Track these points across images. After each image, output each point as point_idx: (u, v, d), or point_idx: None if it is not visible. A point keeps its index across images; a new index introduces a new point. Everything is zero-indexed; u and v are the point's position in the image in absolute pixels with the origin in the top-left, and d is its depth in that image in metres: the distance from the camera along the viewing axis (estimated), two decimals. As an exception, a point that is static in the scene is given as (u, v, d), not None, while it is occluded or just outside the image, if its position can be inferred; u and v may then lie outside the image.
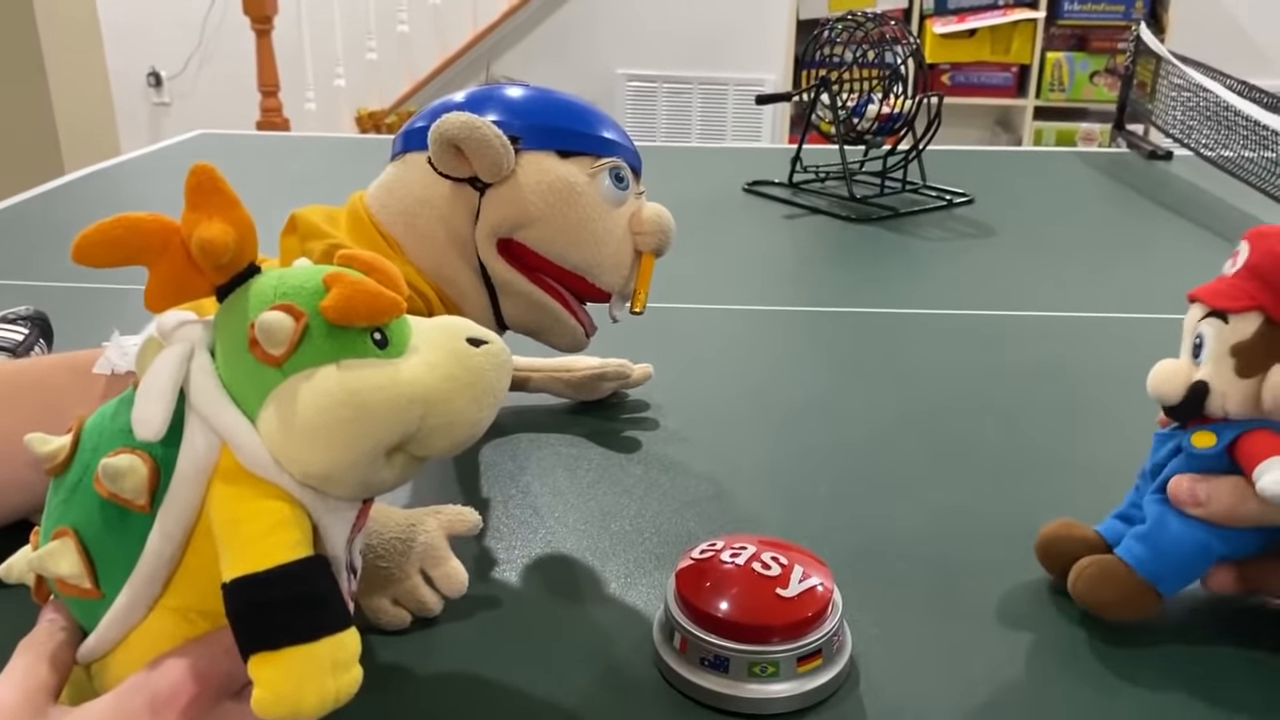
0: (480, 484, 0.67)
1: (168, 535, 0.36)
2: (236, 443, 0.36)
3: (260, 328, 0.36)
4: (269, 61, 3.71)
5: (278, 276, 0.38)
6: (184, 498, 0.36)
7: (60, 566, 0.37)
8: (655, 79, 4.24)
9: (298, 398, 0.36)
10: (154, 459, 0.36)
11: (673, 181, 1.53)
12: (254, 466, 0.36)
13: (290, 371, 0.36)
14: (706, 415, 0.78)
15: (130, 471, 0.36)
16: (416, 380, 0.38)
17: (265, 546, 0.35)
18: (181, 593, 0.37)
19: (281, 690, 0.34)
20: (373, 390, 0.37)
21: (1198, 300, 0.51)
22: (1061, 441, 0.73)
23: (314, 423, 0.36)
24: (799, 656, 0.47)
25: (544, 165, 0.59)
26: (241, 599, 0.35)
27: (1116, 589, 0.51)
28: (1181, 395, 0.49)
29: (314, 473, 0.37)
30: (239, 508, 0.36)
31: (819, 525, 0.63)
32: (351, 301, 0.37)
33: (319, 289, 0.37)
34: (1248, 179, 1.39)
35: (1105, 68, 3.72)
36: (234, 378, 0.37)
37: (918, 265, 1.17)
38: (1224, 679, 0.49)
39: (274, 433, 0.36)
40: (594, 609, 0.55)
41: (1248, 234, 0.50)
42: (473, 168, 0.58)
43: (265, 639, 0.35)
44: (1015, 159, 1.87)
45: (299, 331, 0.36)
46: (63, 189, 1.48)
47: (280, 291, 0.37)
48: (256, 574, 0.35)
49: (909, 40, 1.44)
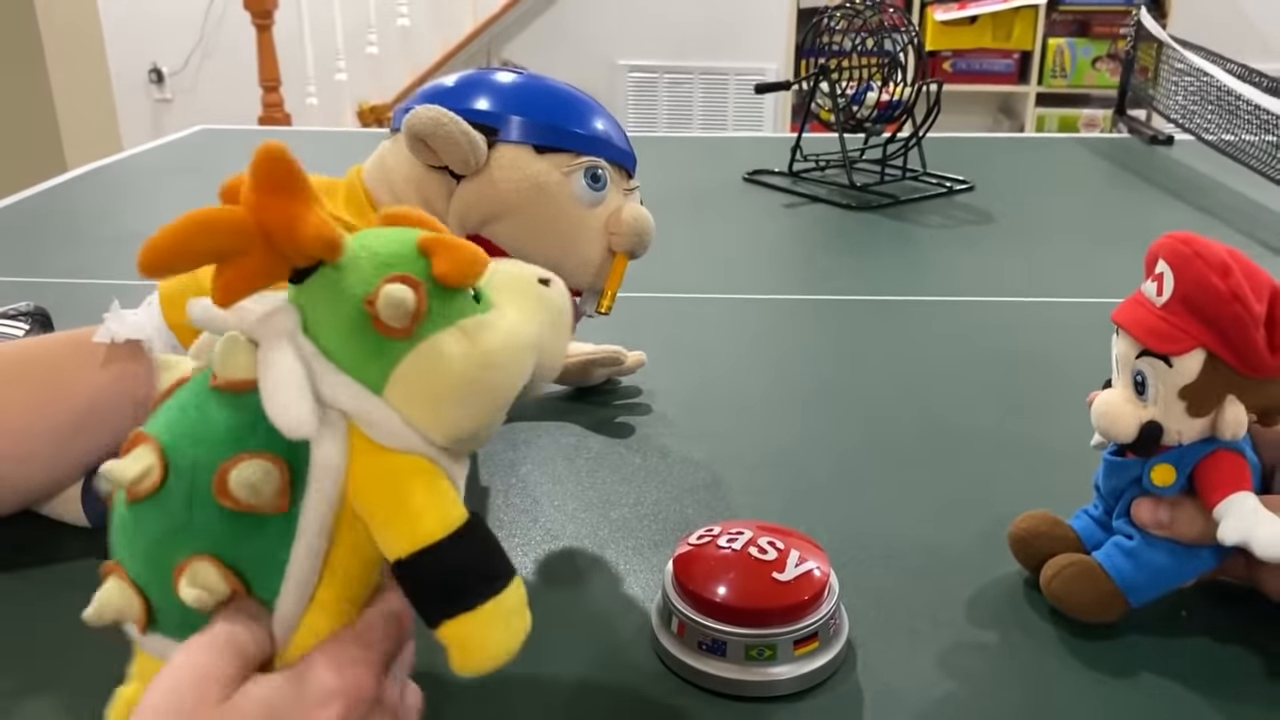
0: (479, 472, 0.68)
1: (319, 530, 0.36)
2: (371, 420, 0.36)
3: (386, 302, 0.35)
4: (270, 56, 3.71)
5: (367, 250, 0.37)
6: (327, 490, 0.35)
7: (216, 592, 0.36)
8: (656, 69, 4.23)
9: (433, 365, 0.36)
10: (283, 458, 0.35)
11: (673, 172, 1.53)
12: (392, 440, 0.36)
13: (418, 340, 0.36)
14: (705, 403, 0.78)
15: (266, 479, 0.35)
16: (526, 329, 0.39)
17: (435, 516, 0.36)
18: (329, 585, 0.37)
19: (484, 645, 0.36)
20: (502, 347, 0.38)
21: (1129, 334, 0.48)
22: (1062, 428, 0.73)
23: (457, 387, 0.36)
24: (796, 640, 0.47)
25: (518, 161, 0.58)
26: (427, 571, 0.35)
27: (1091, 592, 0.51)
28: (1134, 435, 0.48)
29: (463, 434, 0.37)
30: (393, 485, 0.36)
31: (817, 511, 0.63)
32: (460, 264, 0.37)
33: (416, 255, 0.37)
34: (1249, 163, 1.39)
35: (1107, 53, 3.71)
36: (350, 356, 0.36)
37: (918, 253, 1.17)
38: (1226, 664, 0.50)
39: (412, 402, 0.36)
40: (593, 595, 0.55)
41: (1164, 249, 0.48)
42: (439, 159, 0.58)
43: (459, 603, 0.36)
44: (1016, 145, 1.87)
45: (423, 301, 0.36)
46: (65, 186, 1.48)
47: (382, 263, 0.37)
48: (436, 544, 0.35)
49: (908, 28, 1.44)
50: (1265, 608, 0.52)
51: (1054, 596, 0.52)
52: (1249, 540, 0.45)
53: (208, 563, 0.35)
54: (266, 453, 0.35)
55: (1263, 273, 0.47)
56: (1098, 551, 0.52)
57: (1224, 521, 0.46)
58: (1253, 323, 0.45)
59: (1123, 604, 0.50)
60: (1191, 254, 0.46)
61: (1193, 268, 0.46)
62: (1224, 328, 0.46)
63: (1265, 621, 0.52)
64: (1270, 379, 0.47)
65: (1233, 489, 0.47)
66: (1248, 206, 1.32)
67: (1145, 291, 0.49)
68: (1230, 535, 0.46)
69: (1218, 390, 0.47)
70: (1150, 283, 0.49)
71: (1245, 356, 0.46)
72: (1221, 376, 0.46)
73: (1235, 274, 0.46)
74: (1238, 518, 0.46)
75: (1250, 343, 0.46)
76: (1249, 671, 0.49)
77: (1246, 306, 0.45)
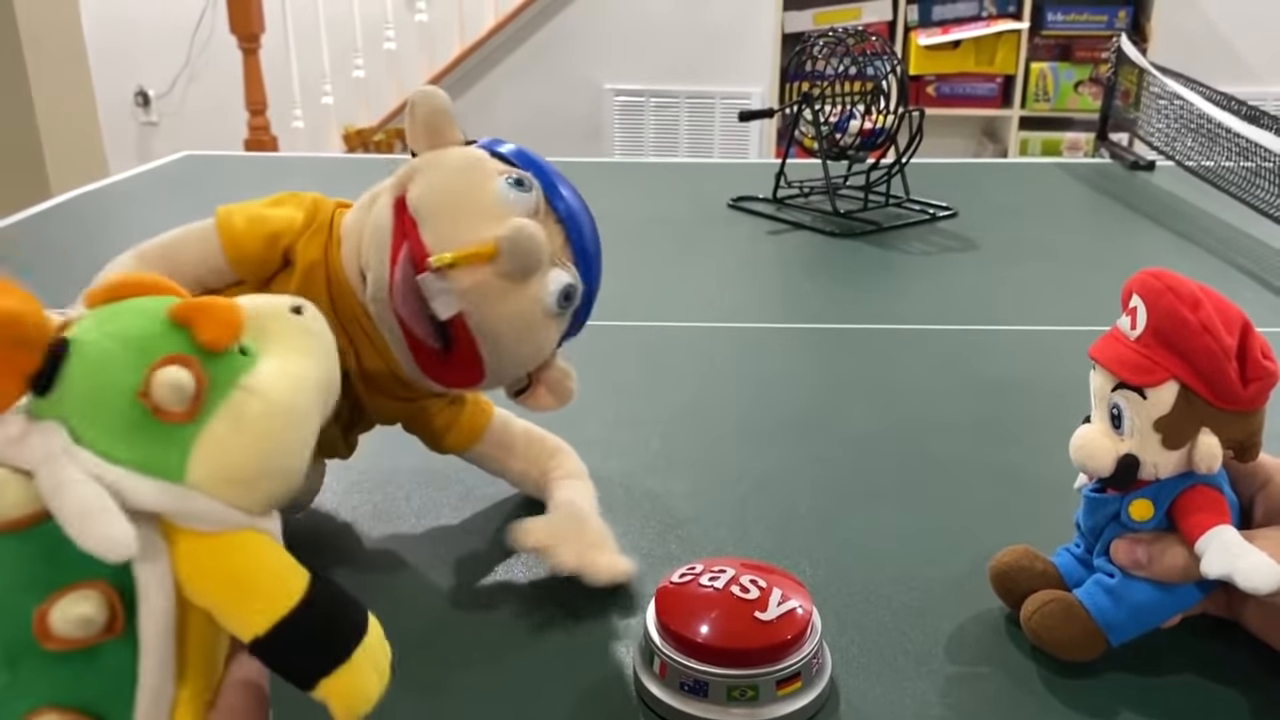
0: (460, 506, 0.67)
1: (164, 639, 0.34)
2: (183, 512, 0.34)
3: (163, 389, 0.33)
4: (256, 79, 3.71)
5: (111, 336, 0.34)
6: (159, 599, 0.33)
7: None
8: (642, 93, 4.25)
9: (229, 437, 0.34)
10: (103, 579, 0.33)
11: (658, 198, 1.53)
12: (209, 525, 0.34)
13: (206, 417, 0.34)
14: (687, 433, 0.78)
15: (98, 608, 0.32)
16: (307, 368, 0.38)
17: (281, 586, 0.34)
18: (187, 683, 0.35)
19: (364, 691, 0.35)
20: (290, 394, 0.36)
21: (1104, 367, 0.49)
22: (1046, 458, 0.74)
23: (259, 449, 0.35)
24: (778, 680, 0.47)
25: (471, 149, 0.57)
26: (289, 642, 0.34)
27: (1071, 630, 0.51)
28: (1112, 469, 0.48)
29: (276, 496, 0.36)
30: (227, 568, 0.34)
31: (799, 545, 0.63)
32: (223, 325, 0.35)
33: (171, 327, 0.35)
34: (1228, 189, 1.40)
35: (1089, 77, 3.74)
36: (137, 455, 0.33)
37: (901, 280, 1.17)
38: (1209, 702, 0.50)
39: (218, 481, 0.34)
40: (575, 633, 0.55)
41: (1137, 284, 0.48)
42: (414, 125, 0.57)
43: (331, 661, 0.35)
44: (998, 170, 1.88)
45: (202, 377, 0.34)
46: (50, 212, 1.47)
47: (138, 348, 0.34)
48: (291, 613, 0.34)
49: (890, 55, 1.45)
50: (1248, 642, 0.52)
51: (1033, 633, 0.52)
52: (1231, 573, 0.45)
53: (51, 714, 0.33)
54: (83, 581, 0.33)
55: (1234, 307, 0.47)
56: (1079, 589, 0.52)
57: (1205, 555, 0.46)
58: (1223, 355, 0.46)
59: (1102, 643, 0.50)
60: (1163, 288, 0.47)
61: (1164, 301, 0.47)
62: (1195, 360, 0.46)
63: (1248, 657, 0.52)
64: (1244, 412, 0.47)
65: (1212, 523, 0.47)
66: (1227, 232, 1.33)
67: (1120, 326, 0.50)
68: (1213, 569, 0.46)
69: (1192, 422, 0.47)
70: (1125, 317, 0.49)
71: (1217, 388, 0.46)
72: (1195, 409, 0.47)
73: (1206, 307, 0.46)
74: (1219, 551, 0.46)
75: (1222, 374, 0.46)
76: (1233, 709, 0.49)
77: (1217, 338, 0.46)
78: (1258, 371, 0.46)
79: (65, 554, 0.32)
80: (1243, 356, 0.46)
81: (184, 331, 0.35)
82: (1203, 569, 0.46)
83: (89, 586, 0.33)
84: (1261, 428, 0.49)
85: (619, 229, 1.39)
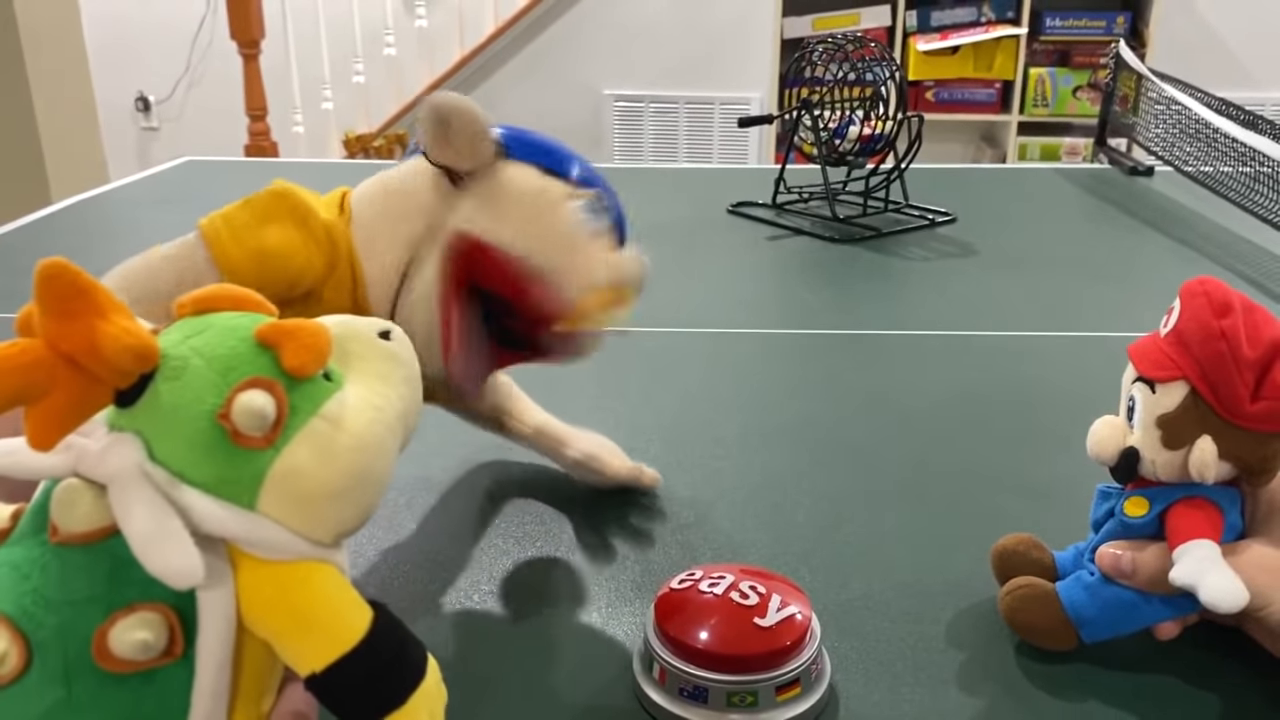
0: (459, 512, 0.68)
1: (220, 667, 0.33)
2: (252, 540, 0.33)
3: (243, 413, 0.32)
4: (256, 85, 3.72)
5: (198, 353, 0.34)
6: (221, 625, 0.33)
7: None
8: (642, 99, 4.26)
9: (305, 466, 0.33)
10: (166, 604, 0.32)
11: (658, 203, 1.54)
12: (277, 553, 0.33)
13: (283, 444, 0.33)
14: (687, 439, 0.78)
15: (159, 632, 0.32)
16: (389, 397, 0.37)
17: (344, 621, 0.34)
18: (238, 713, 0.34)
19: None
20: (370, 425, 0.35)
21: (1130, 360, 0.50)
22: (1045, 463, 0.74)
23: (335, 481, 0.34)
24: (777, 686, 0.47)
25: (529, 175, 0.57)
26: (348, 680, 0.33)
27: (1041, 618, 0.51)
28: (1115, 459, 0.49)
29: (347, 528, 0.35)
30: (291, 599, 0.33)
31: (799, 551, 0.63)
32: (310, 350, 0.34)
33: (256, 349, 0.34)
34: (1227, 195, 1.40)
35: (1087, 83, 3.75)
36: (211, 477, 0.33)
37: (900, 286, 1.17)
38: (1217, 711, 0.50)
39: (290, 510, 0.33)
40: (574, 639, 0.55)
41: (1183, 288, 0.49)
42: (452, 147, 0.55)
43: (388, 703, 0.34)
44: (997, 176, 1.88)
45: (284, 403, 0.33)
46: (51, 218, 1.48)
47: (224, 367, 0.33)
48: (353, 650, 0.33)
49: (889, 61, 1.46)
50: (1250, 650, 0.52)
51: (1004, 614, 0.53)
52: (1196, 585, 0.45)
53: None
54: (146, 603, 0.32)
55: (1273, 325, 0.47)
56: (1060, 582, 0.52)
57: (1178, 564, 0.46)
58: (1235, 364, 0.46)
59: (1073, 636, 0.51)
60: (1200, 292, 0.48)
61: (1195, 303, 0.48)
62: (1206, 364, 0.46)
63: (1250, 665, 0.52)
64: (1250, 430, 0.47)
65: (1197, 535, 0.47)
66: (1226, 238, 1.34)
67: (1161, 324, 0.50)
68: (1180, 577, 0.46)
69: (1194, 426, 0.47)
70: (1165, 316, 0.50)
71: (1223, 397, 0.46)
72: (1200, 413, 0.47)
73: (1233, 315, 0.46)
74: (1191, 562, 0.46)
75: (1229, 384, 0.46)
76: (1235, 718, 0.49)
77: (1233, 347, 0.46)
78: (1274, 392, 0.46)
79: (130, 572, 0.32)
80: (1264, 374, 0.46)
81: (270, 354, 0.34)
82: (1170, 576, 0.46)
83: (150, 608, 0.32)
84: (1278, 456, 0.48)
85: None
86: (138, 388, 0.33)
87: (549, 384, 0.86)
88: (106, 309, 0.31)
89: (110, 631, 0.32)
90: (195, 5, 4.40)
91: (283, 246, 0.54)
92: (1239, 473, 0.48)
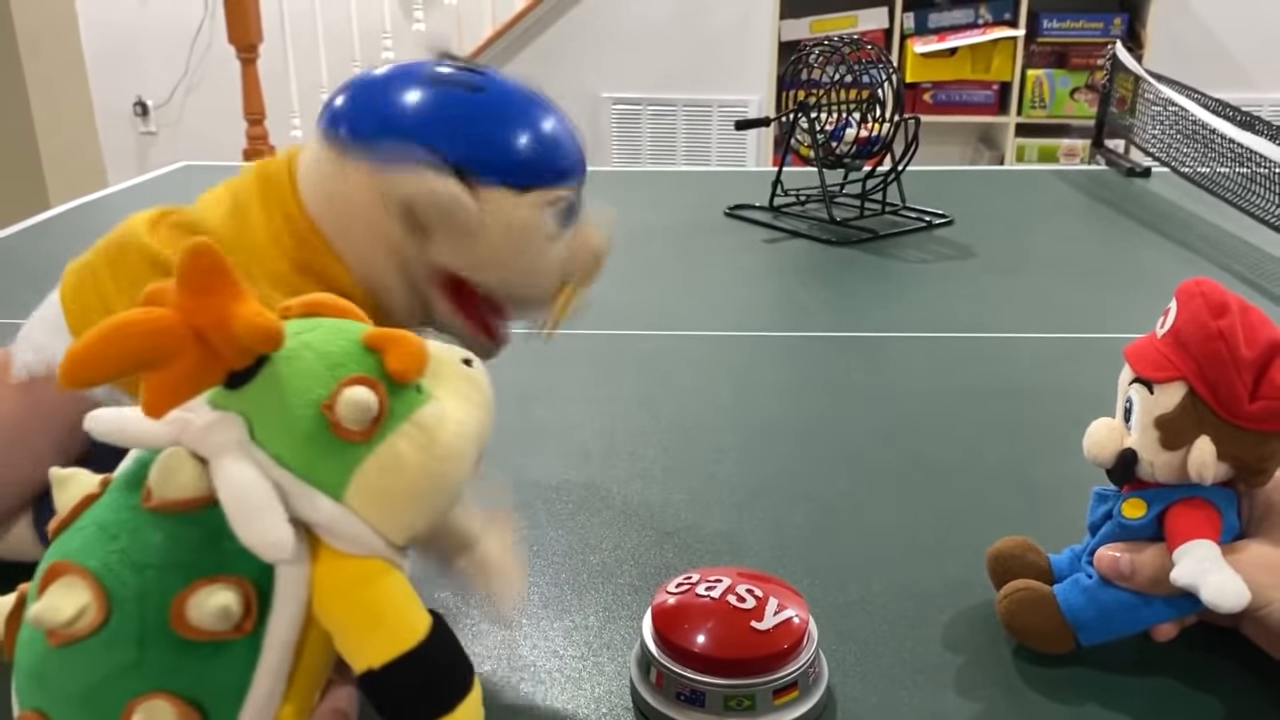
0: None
1: (285, 648, 0.34)
2: (338, 530, 0.34)
3: (348, 405, 0.34)
4: (255, 89, 3.71)
5: (309, 347, 0.36)
6: (293, 608, 0.34)
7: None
8: (639, 101, 4.26)
9: (394, 465, 0.35)
10: (247, 579, 0.34)
11: (656, 206, 1.54)
12: (355, 546, 0.35)
13: (377, 442, 0.35)
14: (684, 442, 0.78)
15: (234, 605, 0.33)
16: (470, 415, 0.39)
17: (406, 622, 0.35)
18: (291, 700, 0.35)
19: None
20: (454, 438, 0.37)
21: (1127, 361, 0.50)
22: (1042, 465, 0.74)
23: (418, 484, 0.36)
24: (775, 689, 0.47)
25: (503, 206, 0.54)
26: (404, 679, 0.35)
27: (1038, 621, 0.51)
28: (1113, 461, 0.50)
29: (419, 532, 0.37)
30: (361, 594, 0.35)
31: (796, 553, 0.63)
32: (412, 360, 0.36)
33: (364, 351, 0.36)
34: (1224, 195, 1.40)
35: (1085, 84, 3.75)
36: (307, 463, 0.34)
37: (897, 288, 1.17)
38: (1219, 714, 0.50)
39: (373, 506, 0.35)
40: (571, 642, 0.55)
41: (1179, 289, 0.49)
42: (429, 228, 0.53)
43: (439, 708, 0.35)
44: (994, 178, 1.88)
45: (385, 402, 0.35)
46: (49, 223, 1.48)
47: (334, 363, 0.35)
48: (411, 651, 0.35)
49: (885, 64, 1.46)
50: (1248, 652, 0.52)
51: (1002, 618, 0.53)
52: (1198, 585, 0.45)
53: (162, 700, 0.33)
54: (228, 575, 0.33)
55: (1269, 326, 0.47)
56: (1057, 585, 0.52)
57: (1179, 564, 0.47)
58: (1234, 365, 0.46)
59: (1070, 639, 0.51)
60: (1197, 292, 0.48)
61: (1192, 304, 0.48)
62: (1204, 364, 0.47)
63: (1247, 666, 0.52)
64: (1249, 430, 0.47)
65: (1196, 535, 0.47)
66: (1223, 238, 1.34)
67: (1157, 325, 0.50)
68: (1180, 577, 0.46)
69: (1193, 427, 0.47)
70: (1161, 317, 0.50)
71: (1221, 397, 0.46)
72: (1198, 414, 0.47)
73: (1230, 316, 0.47)
74: (1194, 561, 0.46)
75: (1228, 384, 0.46)
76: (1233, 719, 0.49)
77: (1231, 347, 0.46)
78: (1272, 392, 0.46)
79: (219, 545, 0.33)
80: (1261, 374, 0.46)
81: (375, 357, 0.36)
82: (1172, 576, 0.46)
83: (232, 581, 0.33)
84: (1276, 456, 0.48)
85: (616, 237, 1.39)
86: (250, 371, 0.34)
87: (548, 386, 0.86)
88: (240, 293, 0.33)
89: (190, 598, 0.33)
90: (193, 9, 4.40)
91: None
92: (1236, 473, 0.48)
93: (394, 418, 0.36)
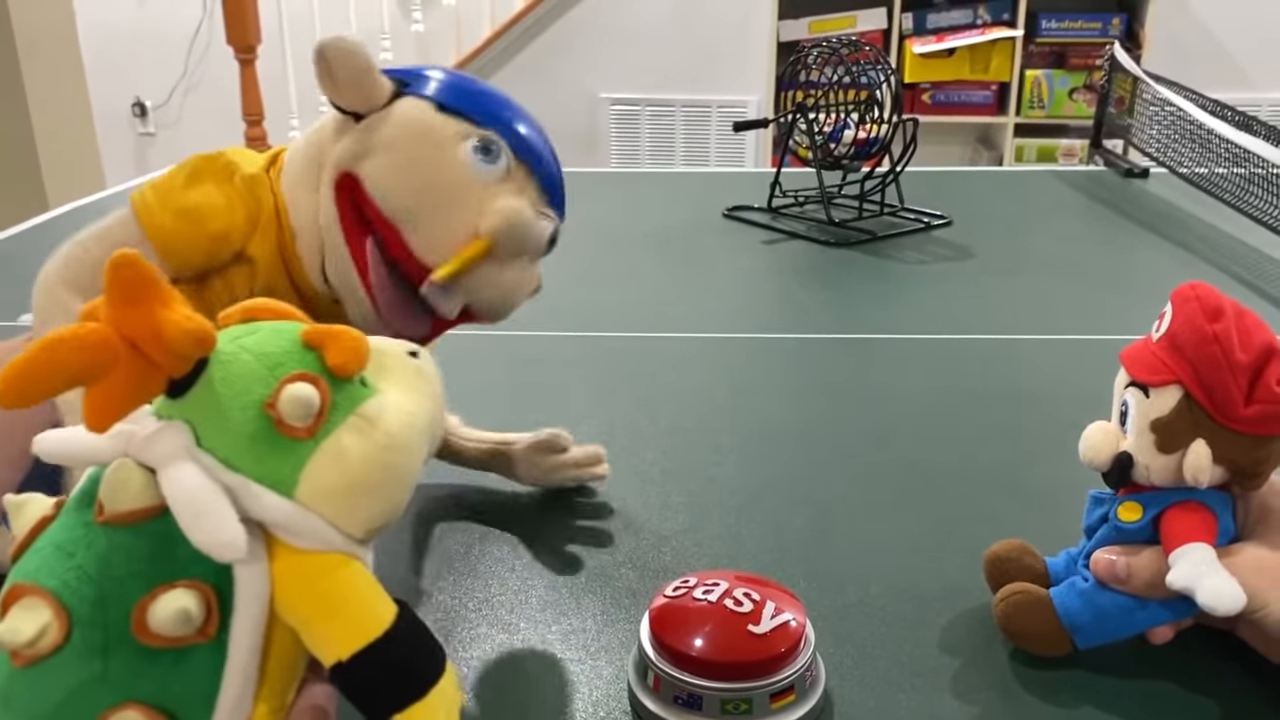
0: (453, 519, 0.68)
1: (251, 649, 0.34)
2: (293, 528, 0.35)
3: (291, 403, 0.34)
4: (253, 90, 3.71)
5: (248, 350, 0.36)
6: (255, 608, 0.34)
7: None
8: (638, 102, 4.26)
9: (342, 459, 0.36)
10: (206, 582, 0.34)
11: (653, 207, 1.54)
12: (313, 542, 0.35)
13: (323, 437, 0.35)
14: (684, 445, 0.78)
15: (194, 608, 0.33)
16: (418, 405, 0.39)
17: (370, 613, 0.36)
18: (264, 699, 0.36)
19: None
20: (402, 429, 0.38)
21: (1123, 365, 0.50)
22: (1039, 468, 0.74)
23: (368, 476, 0.36)
24: (772, 693, 0.47)
25: (415, 107, 0.55)
26: (370, 670, 0.35)
27: (1035, 624, 0.52)
28: (1108, 464, 0.50)
29: (376, 524, 0.37)
30: (322, 588, 0.35)
31: (794, 556, 0.63)
32: (352, 353, 0.36)
33: (303, 349, 0.36)
34: (1222, 196, 1.41)
35: (1083, 84, 3.75)
36: (255, 464, 0.35)
37: (896, 289, 1.18)
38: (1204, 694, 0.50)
39: (326, 500, 0.35)
40: (569, 646, 0.55)
41: (1174, 293, 0.50)
42: (337, 86, 0.54)
43: (408, 695, 0.35)
44: (993, 179, 1.88)
45: (326, 397, 0.35)
46: (47, 225, 1.48)
47: (273, 363, 0.36)
48: (376, 641, 0.35)
49: (884, 65, 1.46)
50: (1245, 654, 0.52)
51: (999, 621, 0.53)
52: (1194, 588, 0.45)
53: (132, 711, 0.33)
54: (186, 580, 0.34)
55: (1265, 331, 0.47)
56: (1054, 587, 0.53)
57: (1175, 567, 0.47)
58: (1229, 368, 0.46)
59: (1067, 642, 0.51)
60: (1192, 296, 0.48)
61: (1187, 308, 0.48)
62: (1199, 367, 0.47)
63: (1245, 669, 0.52)
64: (1244, 433, 0.47)
65: (1193, 539, 0.47)
66: (1221, 239, 1.34)
67: (1152, 329, 0.51)
68: (1177, 580, 0.46)
69: (1189, 430, 0.47)
70: (1156, 320, 0.50)
71: (1217, 401, 0.47)
72: (1195, 417, 0.47)
73: (1225, 320, 0.47)
74: (1189, 564, 0.46)
75: (1223, 387, 0.46)
76: None
77: (1226, 351, 0.46)
78: (1267, 395, 0.46)
79: (173, 552, 0.33)
80: (1256, 377, 0.46)
81: (314, 354, 0.36)
82: (1168, 579, 0.46)
83: (191, 585, 0.34)
84: (1271, 459, 0.48)
85: (614, 239, 1.39)
86: (189, 379, 0.35)
87: (547, 387, 0.86)
88: (169, 299, 0.33)
89: (152, 605, 0.33)
90: (192, 10, 4.40)
91: (203, 204, 0.55)
92: (1231, 476, 0.48)
93: (338, 411, 0.36)
